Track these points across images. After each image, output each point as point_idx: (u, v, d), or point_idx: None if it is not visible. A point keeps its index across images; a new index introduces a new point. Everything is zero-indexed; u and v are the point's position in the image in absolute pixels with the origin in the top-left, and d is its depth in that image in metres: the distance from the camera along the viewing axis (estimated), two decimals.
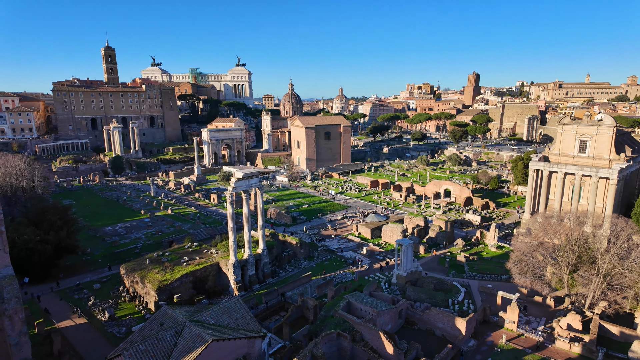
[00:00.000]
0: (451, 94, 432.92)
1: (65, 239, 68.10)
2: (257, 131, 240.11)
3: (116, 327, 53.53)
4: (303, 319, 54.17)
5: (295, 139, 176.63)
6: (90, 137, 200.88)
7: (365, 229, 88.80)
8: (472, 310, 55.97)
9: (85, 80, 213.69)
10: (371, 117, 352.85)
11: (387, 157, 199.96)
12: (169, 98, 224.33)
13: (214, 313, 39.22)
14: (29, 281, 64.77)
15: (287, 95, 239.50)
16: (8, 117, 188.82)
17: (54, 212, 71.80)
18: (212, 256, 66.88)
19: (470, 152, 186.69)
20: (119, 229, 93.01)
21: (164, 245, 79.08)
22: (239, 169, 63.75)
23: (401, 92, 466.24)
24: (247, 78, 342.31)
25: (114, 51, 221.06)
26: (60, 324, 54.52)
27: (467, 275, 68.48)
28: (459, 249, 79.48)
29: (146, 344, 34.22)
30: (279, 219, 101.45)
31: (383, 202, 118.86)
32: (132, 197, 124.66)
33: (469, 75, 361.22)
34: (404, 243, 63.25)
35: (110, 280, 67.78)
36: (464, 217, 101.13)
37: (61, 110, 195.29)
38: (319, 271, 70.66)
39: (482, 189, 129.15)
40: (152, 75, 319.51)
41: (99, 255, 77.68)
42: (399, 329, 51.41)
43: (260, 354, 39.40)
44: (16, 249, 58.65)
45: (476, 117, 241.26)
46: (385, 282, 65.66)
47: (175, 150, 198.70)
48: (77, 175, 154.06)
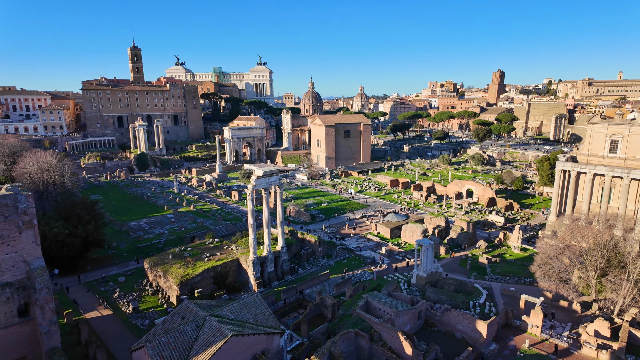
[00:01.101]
0: (475, 92, 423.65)
1: (92, 233, 70.44)
2: (277, 129, 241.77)
3: (140, 319, 55.06)
4: (321, 317, 54.32)
5: (315, 137, 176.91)
6: (116, 134, 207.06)
7: (384, 228, 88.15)
8: (493, 313, 54.78)
9: (112, 79, 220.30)
10: (392, 116, 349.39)
11: (408, 156, 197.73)
12: (192, 97, 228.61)
13: (234, 308, 39.83)
14: (59, 273, 67.41)
15: (308, 94, 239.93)
16: (41, 115, 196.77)
17: (83, 206, 74.37)
18: (233, 252, 67.90)
19: (494, 152, 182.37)
20: (143, 224, 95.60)
21: (186, 241, 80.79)
22: (259, 167, 64.39)
23: (423, 90, 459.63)
24: (268, 77, 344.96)
25: (139, 51, 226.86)
26: (87, 314, 56.56)
27: (489, 277, 67.03)
28: (481, 251, 77.85)
29: (168, 336, 35.09)
30: (298, 216, 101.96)
31: (403, 201, 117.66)
32: (156, 193, 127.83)
33: (493, 73, 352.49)
34: (424, 243, 62.44)
35: (134, 274, 69.82)
36: (486, 218, 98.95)
37: (90, 108, 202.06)
38: (337, 270, 70.66)
39: (506, 189, 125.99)
40: (176, 74, 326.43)
41: (124, 250, 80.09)
42: (417, 330, 50.85)
43: (278, 350, 39.76)
44: (47, 242, 61.01)
45: (500, 116, 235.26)
46: (404, 283, 65.04)
47: (197, 148, 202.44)
48: (104, 172, 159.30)
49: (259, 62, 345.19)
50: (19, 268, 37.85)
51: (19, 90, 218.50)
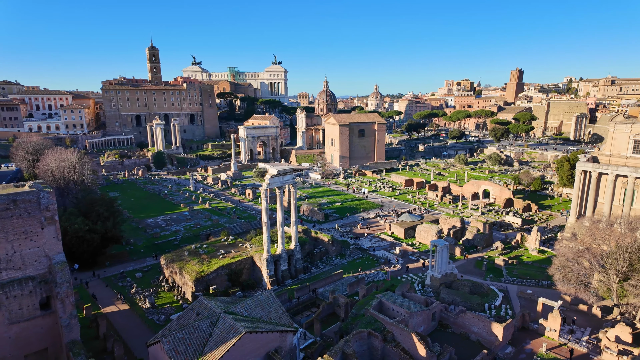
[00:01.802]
0: (492, 91, 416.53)
1: (111, 229, 71.98)
2: (291, 128, 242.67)
3: (156, 314, 56.09)
4: (334, 316, 54.34)
5: (329, 136, 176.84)
6: (134, 133, 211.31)
7: (398, 228, 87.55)
8: (509, 316, 53.85)
9: (131, 79, 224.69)
10: (407, 115, 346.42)
11: (423, 156, 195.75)
12: (208, 96, 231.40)
13: (248, 306, 40.19)
14: (79, 268, 69.21)
15: (322, 93, 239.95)
16: (62, 114, 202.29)
17: (102, 203, 76.11)
18: (247, 250, 68.52)
19: (511, 152, 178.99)
20: (160, 221, 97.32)
21: (202, 238, 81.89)
22: (273, 166, 64.75)
23: (439, 88, 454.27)
24: (283, 76, 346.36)
25: (157, 51, 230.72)
26: (105, 309, 57.92)
27: (506, 279, 65.88)
28: (498, 252, 76.57)
29: (183, 332, 35.67)
30: (311, 215, 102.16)
31: (418, 201, 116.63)
32: (172, 191, 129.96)
33: (511, 71, 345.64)
34: (439, 244, 61.78)
35: (151, 270, 71.15)
36: (503, 219, 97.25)
37: (109, 107, 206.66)
38: (350, 269, 70.56)
39: (524, 190, 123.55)
40: (192, 74, 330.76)
41: (141, 246, 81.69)
42: (431, 331, 50.37)
43: (291, 348, 39.96)
44: (68, 237, 62.63)
45: (519, 115, 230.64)
46: (418, 284, 64.49)
47: (213, 146, 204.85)
48: (122, 169, 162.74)
49: (274, 61, 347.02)
50: (41, 262, 39.03)
51: (42, 90, 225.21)
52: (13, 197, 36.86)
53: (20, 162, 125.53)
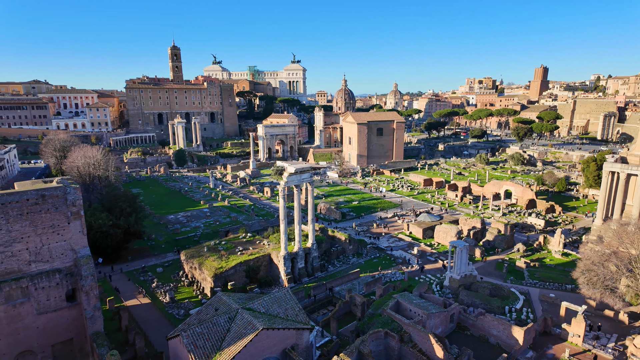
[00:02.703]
0: (515, 89, 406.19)
1: (133, 225, 73.77)
2: (309, 127, 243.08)
3: (176, 309, 57.29)
4: (350, 315, 54.27)
5: (346, 135, 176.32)
6: (156, 131, 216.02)
7: (416, 228, 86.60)
8: (531, 320, 52.53)
9: (153, 78, 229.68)
10: (426, 113, 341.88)
11: (443, 155, 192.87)
12: (228, 95, 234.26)
13: (265, 302, 40.59)
14: (102, 261, 71.32)
15: (340, 91, 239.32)
16: (88, 112, 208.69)
17: (125, 199, 78.15)
18: (264, 247, 69.14)
19: (535, 151, 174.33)
20: (180, 218, 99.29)
21: (221, 235, 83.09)
22: (291, 164, 65.04)
23: (460, 86, 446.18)
24: (302, 75, 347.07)
25: (179, 50, 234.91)
26: (127, 302, 59.51)
27: (527, 282, 64.27)
28: (519, 254, 74.77)
29: (202, 327, 36.32)
30: (328, 214, 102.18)
31: (437, 201, 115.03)
32: (192, 188, 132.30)
33: (535, 69, 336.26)
34: (459, 245, 60.79)
35: (171, 265, 72.68)
36: (525, 220, 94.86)
37: (132, 105, 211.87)
38: (367, 268, 70.26)
39: (548, 191, 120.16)
40: (213, 73, 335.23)
41: (162, 241, 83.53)
42: (449, 333, 49.67)
43: (307, 345, 40.13)
44: (92, 232, 64.48)
45: (543, 114, 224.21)
46: (436, 285, 63.67)
47: (232, 144, 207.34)
48: (144, 166, 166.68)
49: (292, 60, 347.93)
50: (67, 256, 40.42)
51: (69, 89, 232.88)
52: (42, 192, 38.29)
53: (48, 159, 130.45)
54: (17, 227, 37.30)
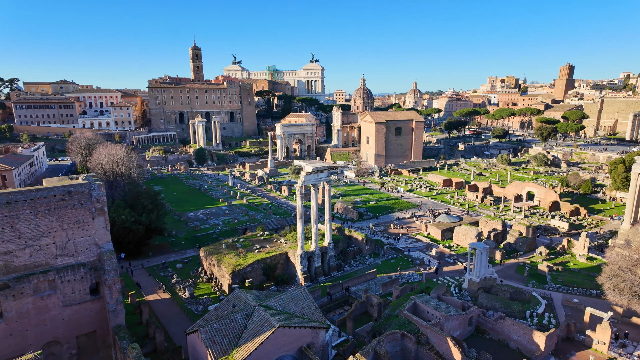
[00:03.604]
0: (539, 88, 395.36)
1: (155, 221, 75.39)
2: (327, 126, 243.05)
3: (194, 304, 58.30)
4: (366, 315, 54.05)
5: (364, 134, 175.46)
6: (178, 130, 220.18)
7: (435, 229, 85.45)
8: (553, 325, 51.11)
9: (175, 78, 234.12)
10: (447, 112, 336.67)
11: (463, 155, 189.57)
12: (247, 94, 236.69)
13: (282, 300, 40.86)
14: (124, 257, 73.28)
15: (359, 91, 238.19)
16: (112, 111, 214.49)
17: (147, 196, 79.98)
18: (281, 245, 69.58)
19: (559, 152, 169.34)
20: (200, 215, 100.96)
21: (239, 232, 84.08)
22: (308, 163, 65.21)
23: (481, 85, 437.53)
24: (320, 74, 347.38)
25: (200, 50, 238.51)
26: (148, 297, 60.93)
27: (550, 286, 62.53)
28: (542, 258, 72.80)
29: (220, 323, 36.85)
30: (345, 214, 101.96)
31: (456, 202, 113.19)
32: (212, 186, 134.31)
33: (561, 67, 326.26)
34: (478, 247, 59.67)
35: (191, 262, 74.00)
36: (548, 223, 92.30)
37: (154, 105, 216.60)
38: (384, 269, 69.78)
39: (572, 193, 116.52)
40: (232, 73, 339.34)
41: (182, 238, 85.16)
42: (468, 337, 48.84)
43: (323, 344, 40.19)
44: (115, 228, 66.19)
45: (568, 114, 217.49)
46: (455, 287, 62.69)
47: (251, 143, 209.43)
48: (166, 164, 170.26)
49: (311, 59, 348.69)
50: (91, 250, 41.72)
51: (94, 89, 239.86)
52: (68, 188, 39.61)
53: (74, 156, 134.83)
54: (45, 221, 38.71)
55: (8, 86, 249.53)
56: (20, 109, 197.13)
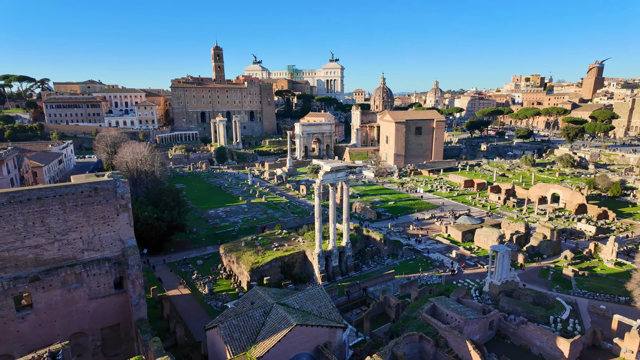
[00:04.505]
0: (566, 87, 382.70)
1: (176, 218, 76.98)
2: (346, 125, 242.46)
3: (214, 300, 59.28)
4: (384, 316, 53.69)
5: (384, 134, 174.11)
6: (199, 129, 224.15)
7: (455, 231, 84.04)
8: (578, 332, 49.47)
9: (197, 78, 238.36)
10: (469, 112, 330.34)
11: (485, 155, 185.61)
12: (267, 94, 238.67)
13: (299, 299, 41.06)
14: (147, 252, 75.11)
15: (378, 90, 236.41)
16: (137, 110, 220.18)
17: (169, 194, 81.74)
18: (299, 244, 69.89)
19: (586, 153, 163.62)
20: (220, 213, 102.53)
21: (258, 230, 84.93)
22: (327, 163, 65.22)
23: (505, 84, 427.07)
24: (340, 73, 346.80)
25: (221, 50, 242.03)
26: (169, 292, 62.33)
27: (575, 292, 60.54)
28: (567, 262, 70.54)
29: (238, 319, 37.35)
30: (363, 213, 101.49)
31: (478, 203, 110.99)
32: (232, 185, 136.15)
33: (589, 65, 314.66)
34: (500, 250, 58.34)
35: (211, 258, 75.23)
36: (574, 226, 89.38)
37: (177, 104, 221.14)
38: (402, 270, 69.12)
39: (600, 195, 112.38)
40: (253, 73, 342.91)
41: (203, 235, 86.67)
42: (488, 341, 47.84)
43: (340, 344, 40.18)
44: (138, 224, 67.81)
45: (596, 113, 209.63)
46: (475, 290, 61.50)
47: (270, 143, 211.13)
48: (187, 163, 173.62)
49: (331, 58, 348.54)
50: (116, 246, 42.99)
51: (120, 88, 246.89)
52: (94, 185, 40.95)
53: (100, 154, 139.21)
54: (73, 217, 40.13)
55: (39, 86, 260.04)
56: (50, 108, 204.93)
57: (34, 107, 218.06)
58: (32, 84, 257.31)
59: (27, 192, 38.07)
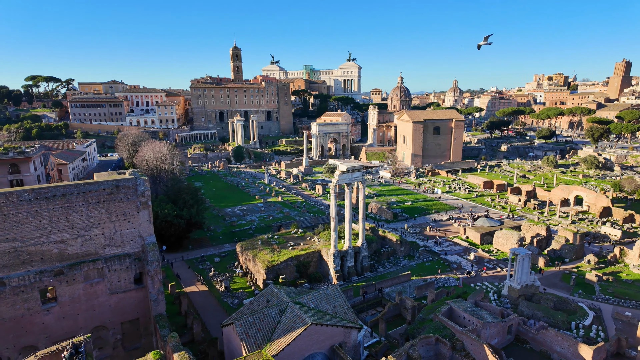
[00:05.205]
0: (591, 86, 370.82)
1: (195, 216, 78.18)
2: (362, 125, 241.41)
3: (230, 298, 59.99)
4: (399, 318, 53.27)
5: (401, 133, 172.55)
6: (217, 128, 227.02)
7: (474, 233, 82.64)
8: (601, 339, 47.93)
9: (215, 78, 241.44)
10: (489, 112, 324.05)
11: (505, 156, 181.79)
12: (284, 94, 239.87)
13: (314, 298, 41.14)
14: (166, 249, 76.60)
15: (396, 89, 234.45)
16: (157, 109, 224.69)
17: (188, 192, 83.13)
18: (315, 244, 70.01)
19: (612, 155, 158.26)
20: (237, 211, 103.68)
21: (274, 229, 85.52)
22: (343, 162, 65.10)
23: (527, 83, 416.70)
24: (357, 73, 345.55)
25: (240, 51, 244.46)
26: (187, 288, 63.42)
27: (598, 297, 58.68)
28: (590, 267, 68.43)
29: (254, 317, 37.70)
30: (379, 214, 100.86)
31: (497, 205, 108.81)
32: (249, 183, 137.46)
33: (616, 64, 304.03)
34: (520, 252, 57.07)
35: (228, 256, 76.17)
36: (598, 229, 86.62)
37: (196, 104, 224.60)
38: (419, 272, 68.39)
39: (626, 198, 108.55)
40: (270, 73, 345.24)
41: (220, 233, 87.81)
42: (506, 345, 46.87)
43: (355, 344, 40.07)
44: (158, 221, 69.23)
45: (623, 113, 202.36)
46: (493, 293, 60.33)
47: (287, 142, 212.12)
48: (206, 162, 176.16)
49: (348, 58, 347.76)
50: (136, 242, 44.01)
51: (141, 88, 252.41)
52: (116, 182, 42.03)
53: (122, 152, 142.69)
54: (95, 213, 41.29)
55: (65, 86, 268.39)
56: (75, 107, 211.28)
57: (60, 106, 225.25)
58: (58, 84, 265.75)
59: (52, 188, 39.38)
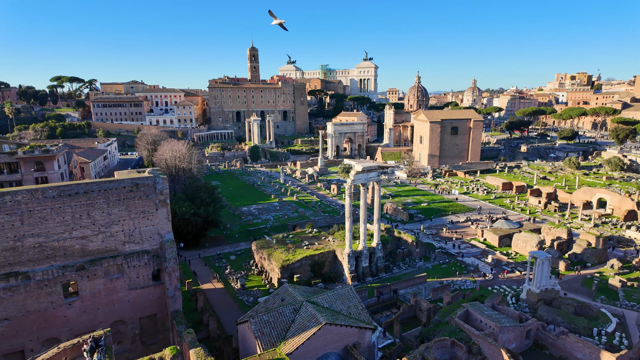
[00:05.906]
0: (616, 85, 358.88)
1: (212, 214, 79.24)
2: (378, 125, 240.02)
3: (245, 295, 60.59)
4: (414, 320, 52.78)
5: (417, 133, 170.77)
6: (234, 128, 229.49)
7: (492, 235, 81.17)
8: (625, 346, 46.38)
9: (233, 78, 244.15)
10: (508, 112, 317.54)
11: (525, 157, 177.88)
12: (300, 94, 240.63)
13: (329, 298, 41.14)
14: (183, 246, 77.89)
15: (413, 89, 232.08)
16: (176, 109, 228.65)
17: (205, 190, 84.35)
18: (329, 243, 70.02)
19: (637, 156, 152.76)
20: (252, 210, 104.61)
21: (289, 228, 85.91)
22: (358, 162, 64.88)
23: (548, 83, 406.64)
24: (373, 72, 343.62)
25: (257, 51, 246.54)
26: (203, 285, 64.36)
27: (622, 303, 56.81)
28: (613, 272, 66.32)
29: (269, 315, 37.97)
30: (395, 215, 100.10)
31: (516, 207, 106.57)
32: (265, 183, 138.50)
33: None
34: (540, 256, 55.74)
35: (243, 254, 76.94)
36: (622, 233, 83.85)
37: (214, 104, 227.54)
38: (435, 273, 67.59)
39: None
40: (287, 73, 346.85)
41: (236, 231, 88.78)
42: (524, 350, 45.85)
43: (369, 345, 39.90)
44: (176, 219, 70.52)
45: None
46: (511, 297, 59.13)
47: (302, 142, 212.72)
48: (223, 161, 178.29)
49: (365, 57, 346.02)
50: (154, 239, 44.92)
51: (160, 89, 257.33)
52: (136, 181, 42.99)
53: (141, 151, 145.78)
54: (116, 210, 42.33)
55: (88, 86, 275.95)
56: (97, 107, 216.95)
57: (83, 106, 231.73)
58: (81, 84, 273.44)
59: (75, 186, 40.58)
